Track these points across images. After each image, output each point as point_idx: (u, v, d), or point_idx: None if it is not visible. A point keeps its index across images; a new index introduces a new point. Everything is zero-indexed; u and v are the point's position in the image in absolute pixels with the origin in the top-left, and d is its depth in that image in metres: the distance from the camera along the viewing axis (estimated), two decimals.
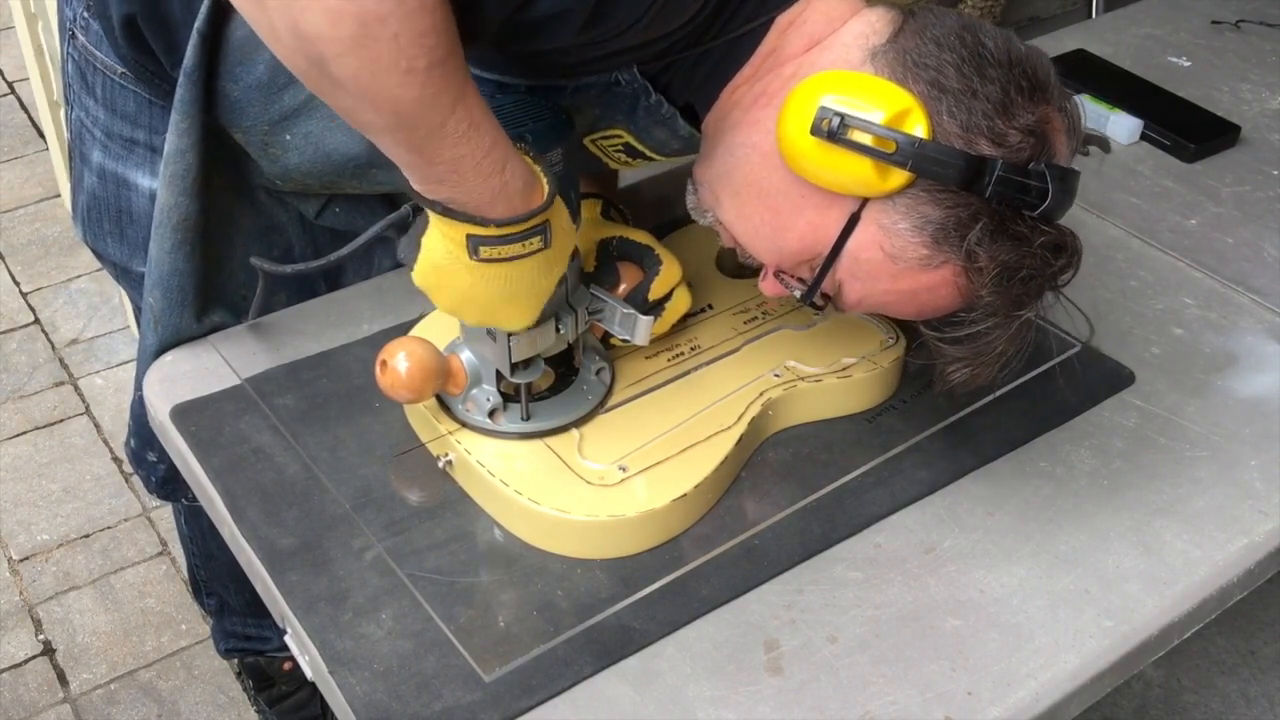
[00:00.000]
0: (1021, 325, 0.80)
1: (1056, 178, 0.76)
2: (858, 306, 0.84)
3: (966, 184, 0.75)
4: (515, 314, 0.82)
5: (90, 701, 1.68)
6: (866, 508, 0.91)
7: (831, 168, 0.76)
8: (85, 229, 1.10)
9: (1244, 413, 1.01)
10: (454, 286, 0.80)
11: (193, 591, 1.58)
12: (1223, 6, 1.66)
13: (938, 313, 0.82)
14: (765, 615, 0.84)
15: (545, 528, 0.86)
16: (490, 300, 0.80)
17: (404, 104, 0.67)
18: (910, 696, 0.79)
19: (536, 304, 0.82)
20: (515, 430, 0.90)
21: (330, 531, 0.88)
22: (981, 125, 0.75)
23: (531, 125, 0.83)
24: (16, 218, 2.58)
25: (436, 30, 0.65)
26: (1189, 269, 1.18)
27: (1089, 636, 0.83)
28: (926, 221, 0.77)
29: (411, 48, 0.65)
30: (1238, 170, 1.33)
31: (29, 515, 1.94)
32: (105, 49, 0.98)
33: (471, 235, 0.75)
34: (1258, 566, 0.90)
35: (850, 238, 0.79)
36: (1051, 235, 0.77)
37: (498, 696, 0.77)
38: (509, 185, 0.74)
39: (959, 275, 0.78)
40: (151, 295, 1.02)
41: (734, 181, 0.83)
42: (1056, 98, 0.78)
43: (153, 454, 1.17)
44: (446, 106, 0.69)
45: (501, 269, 0.78)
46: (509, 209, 0.75)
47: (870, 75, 0.76)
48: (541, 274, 0.80)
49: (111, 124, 1.02)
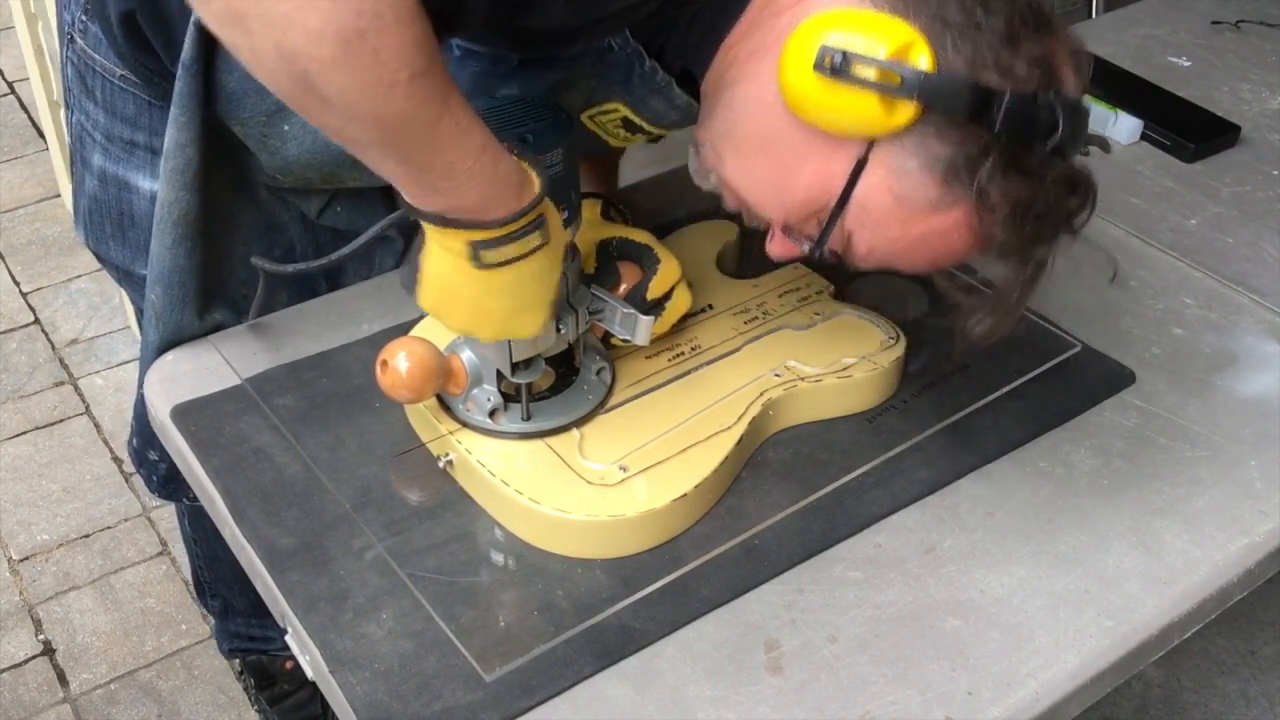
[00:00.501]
0: (1038, 267, 0.78)
1: (1066, 109, 0.74)
2: (868, 258, 0.81)
3: (975, 115, 0.73)
4: (527, 320, 0.82)
5: (90, 701, 1.68)
6: (866, 508, 0.91)
7: (836, 108, 0.74)
8: (87, 232, 1.10)
9: (1244, 413, 1.01)
10: (462, 302, 0.80)
11: (196, 593, 1.59)
12: (1223, 6, 1.66)
13: (951, 259, 0.80)
14: (765, 615, 0.84)
15: (545, 528, 0.86)
16: (500, 310, 0.80)
17: (390, 116, 0.67)
18: (910, 696, 0.79)
19: (545, 307, 0.82)
20: (516, 430, 0.90)
21: (330, 531, 0.88)
22: (987, 57, 0.73)
23: (532, 125, 0.83)
24: (16, 218, 2.58)
25: (416, 42, 0.65)
26: (1189, 269, 1.18)
27: (1089, 636, 0.83)
28: (935, 160, 0.75)
29: (393, 61, 0.64)
30: (1238, 170, 1.33)
31: (29, 515, 1.94)
32: (104, 51, 0.98)
33: (472, 241, 0.75)
34: (1258, 566, 0.90)
35: (858, 183, 0.77)
36: (1064, 171, 0.76)
37: (498, 696, 0.77)
38: (503, 185, 0.74)
39: (970, 216, 0.76)
40: (153, 292, 1.01)
41: (736, 136, 0.81)
42: (1061, 32, 0.76)
43: (154, 453, 1.17)
44: (433, 116, 0.68)
45: (506, 274, 0.78)
46: (505, 208, 0.75)
47: (871, 11, 0.74)
48: (545, 272, 0.80)
49: (112, 127, 1.02)
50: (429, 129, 0.69)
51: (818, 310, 1.03)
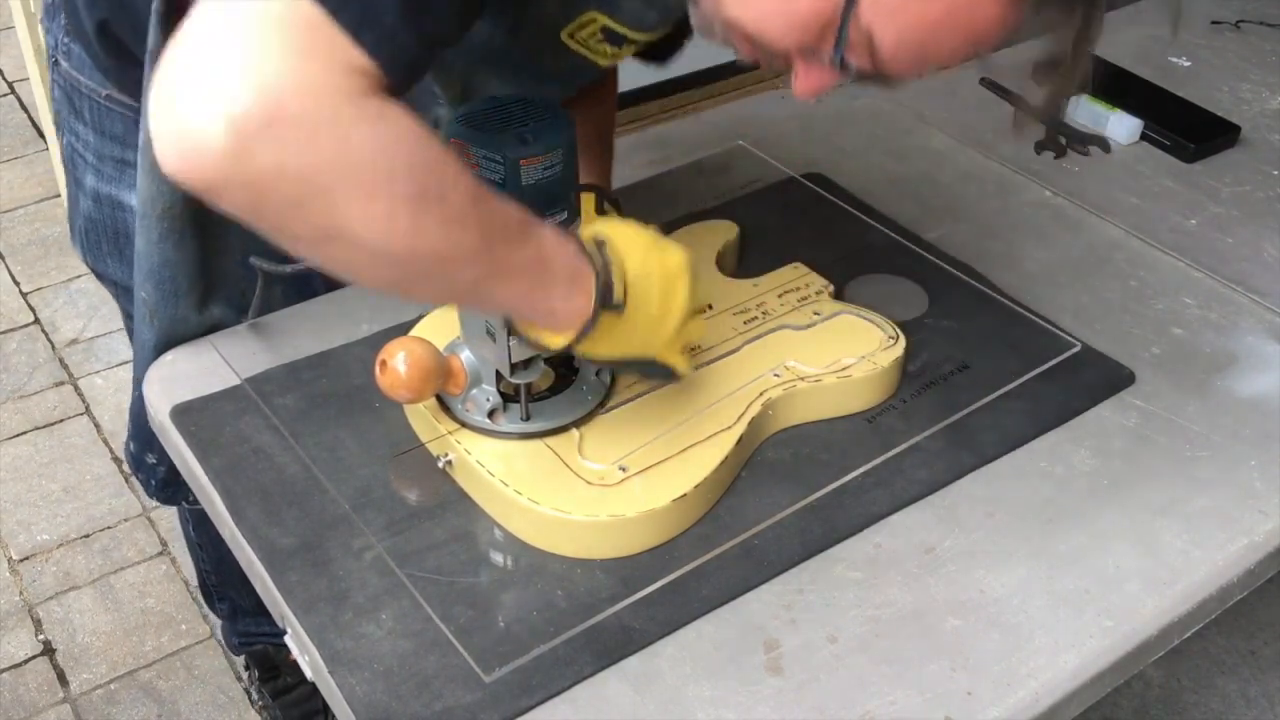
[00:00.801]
0: (1087, 8, 0.74)
1: None
2: (900, 58, 0.75)
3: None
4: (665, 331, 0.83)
5: (90, 701, 1.68)
6: (866, 508, 0.91)
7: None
8: (85, 250, 1.09)
9: (1244, 413, 1.01)
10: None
11: (202, 596, 1.58)
12: (1223, 6, 1.66)
13: (990, 33, 0.74)
14: (765, 615, 0.84)
15: (545, 528, 0.86)
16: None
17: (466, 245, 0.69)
18: (910, 696, 0.79)
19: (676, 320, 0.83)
20: (515, 430, 0.90)
21: (330, 531, 0.88)
22: None
23: (532, 125, 0.83)
24: (16, 218, 2.58)
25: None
26: (1189, 269, 1.18)
27: (1089, 636, 0.83)
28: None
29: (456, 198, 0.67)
30: (1238, 170, 1.33)
31: (29, 515, 1.94)
32: (89, 72, 0.98)
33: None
34: (1258, 566, 0.90)
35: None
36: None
37: (498, 696, 0.77)
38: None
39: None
40: (144, 290, 1.01)
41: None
42: None
43: (152, 456, 1.16)
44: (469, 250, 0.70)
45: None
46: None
47: None
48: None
49: (102, 147, 1.01)
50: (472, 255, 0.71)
51: (817, 310, 1.03)
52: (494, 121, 0.83)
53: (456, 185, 0.68)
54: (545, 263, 0.75)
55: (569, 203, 0.87)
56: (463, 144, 0.84)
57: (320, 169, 0.62)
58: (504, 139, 0.82)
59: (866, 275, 1.13)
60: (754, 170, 1.28)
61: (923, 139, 1.37)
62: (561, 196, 0.86)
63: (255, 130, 0.59)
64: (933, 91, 1.48)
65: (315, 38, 0.62)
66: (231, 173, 0.61)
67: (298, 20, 0.62)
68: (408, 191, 0.65)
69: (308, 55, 0.61)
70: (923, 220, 1.22)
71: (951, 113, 1.42)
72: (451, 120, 0.85)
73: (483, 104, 0.85)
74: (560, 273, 0.76)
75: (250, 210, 0.65)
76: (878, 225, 1.20)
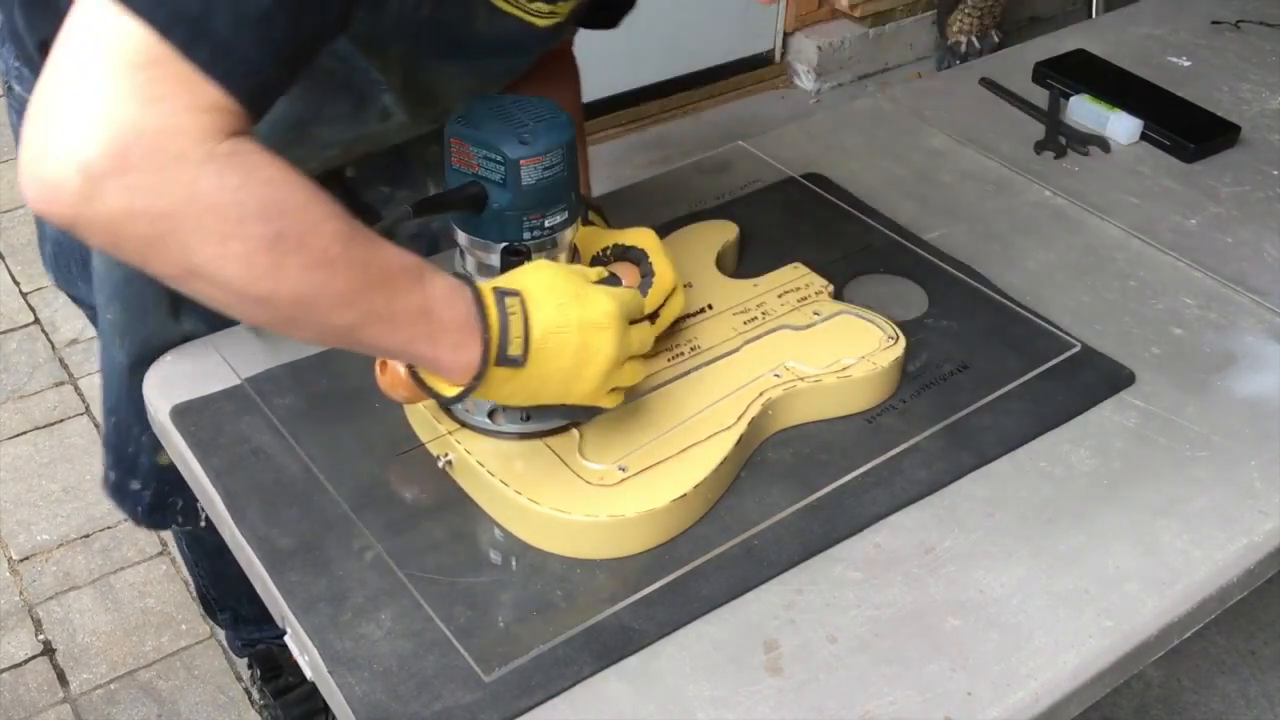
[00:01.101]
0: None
1: None
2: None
3: None
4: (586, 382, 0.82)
5: (90, 701, 1.68)
6: (866, 508, 0.91)
7: None
8: (56, 273, 1.09)
9: (1244, 413, 1.01)
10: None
11: (203, 609, 1.58)
12: (1223, 6, 1.66)
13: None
14: (765, 615, 0.84)
15: (545, 528, 0.86)
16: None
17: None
18: (910, 696, 0.79)
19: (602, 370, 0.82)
20: (515, 430, 0.90)
21: (330, 531, 0.88)
22: None
23: (531, 125, 0.83)
24: (16, 218, 2.58)
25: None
26: (1189, 269, 1.18)
27: (1089, 636, 0.83)
28: None
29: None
30: (1238, 170, 1.33)
31: (29, 515, 1.94)
32: None
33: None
34: (1258, 566, 0.90)
35: None
36: None
37: (497, 696, 0.77)
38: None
39: None
40: (110, 311, 0.99)
41: None
42: None
43: (136, 482, 1.14)
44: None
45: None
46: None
47: None
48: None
49: None
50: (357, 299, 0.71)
51: (817, 310, 1.03)
52: (494, 121, 0.84)
53: (320, 229, 0.68)
54: (430, 313, 0.74)
55: (569, 203, 0.87)
56: (463, 143, 0.84)
57: (169, 213, 0.63)
58: (504, 139, 0.82)
59: (866, 275, 1.13)
60: (754, 170, 1.28)
61: (923, 139, 1.37)
62: (561, 196, 0.86)
63: (104, 175, 0.61)
64: (933, 91, 1.48)
65: (164, 77, 0.63)
66: (85, 214, 0.62)
67: (147, 60, 0.63)
68: (263, 234, 0.65)
69: (156, 98, 0.62)
70: (923, 220, 1.22)
71: (951, 113, 1.42)
72: (452, 120, 0.85)
73: (483, 104, 0.86)
74: (448, 324, 0.75)
75: (110, 248, 0.66)
76: (878, 225, 1.20)
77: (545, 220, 0.86)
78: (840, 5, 3.11)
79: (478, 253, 0.88)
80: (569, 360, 0.79)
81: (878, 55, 3.17)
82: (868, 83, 3.14)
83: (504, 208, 0.84)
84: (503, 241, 0.86)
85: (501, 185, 0.83)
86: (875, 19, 3.12)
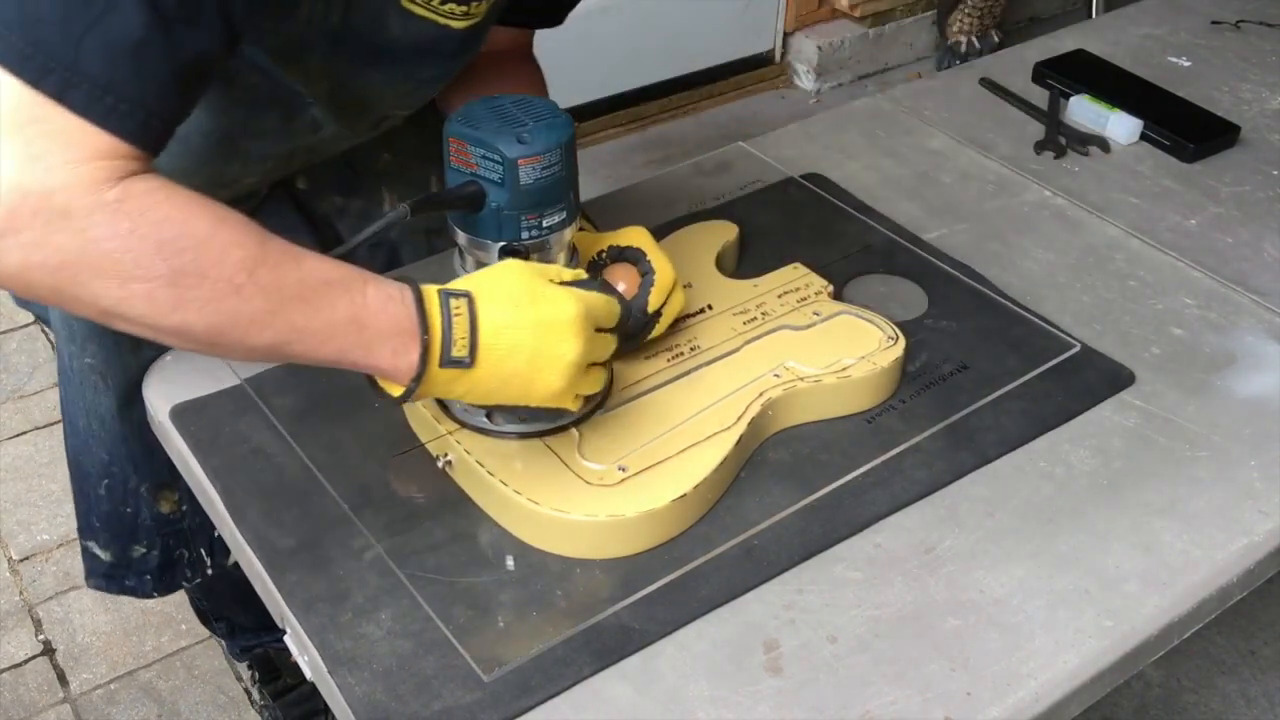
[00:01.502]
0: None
1: None
2: None
3: None
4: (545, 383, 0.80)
5: (90, 701, 1.68)
6: (866, 508, 0.91)
7: None
8: (12, 296, 1.09)
9: (1244, 413, 1.01)
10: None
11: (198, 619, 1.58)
12: (1223, 6, 1.66)
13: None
14: (765, 615, 0.84)
15: (545, 528, 0.86)
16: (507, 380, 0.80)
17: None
18: (910, 696, 0.79)
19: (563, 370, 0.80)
20: (515, 430, 0.90)
21: (330, 531, 0.88)
22: None
23: (531, 125, 0.83)
24: None
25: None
26: (1189, 269, 1.18)
27: (1089, 636, 0.83)
28: None
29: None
30: (1238, 170, 1.33)
31: (29, 515, 1.94)
32: None
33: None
34: (1258, 566, 0.90)
35: None
36: None
37: (497, 696, 0.77)
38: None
39: None
40: (87, 355, 0.99)
41: None
42: None
43: (139, 547, 1.14)
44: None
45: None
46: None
47: None
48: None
49: None
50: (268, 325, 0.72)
51: (817, 310, 1.03)
52: (493, 121, 0.84)
53: (223, 260, 0.69)
54: (362, 323, 0.74)
55: (567, 202, 0.87)
56: (461, 143, 0.84)
57: (65, 265, 0.65)
58: (502, 138, 0.82)
59: (866, 275, 1.13)
60: (754, 170, 1.28)
61: (923, 139, 1.37)
62: (560, 196, 0.86)
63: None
64: (933, 91, 1.48)
65: (45, 133, 0.64)
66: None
67: (28, 118, 0.64)
68: (162, 273, 0.66)
69: (36, 157, 0.64)
70: (923, 220, 1.22)
71: (951, 113, 1.42)
72: (451, 120, 0.85)
73: (482, 104, 0.86)
74: (385, 331, 0.75)
75: (26, 295, 0.68)
76: (878, 225, 1.20)
77: (543, 220, 0.86)
78: (840, 5, 3.11)
79: (476, 252, 0.88)
80: (523, 362, 0.78)
81: (878, 55, 3.17)
82: (868, 83, 3.14)
83: (502, 207, 0.84)
84: (501, 241, 0.86)
85: (500, 185, 0.83)
86: (875, 19, 3.12)
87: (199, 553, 1.18)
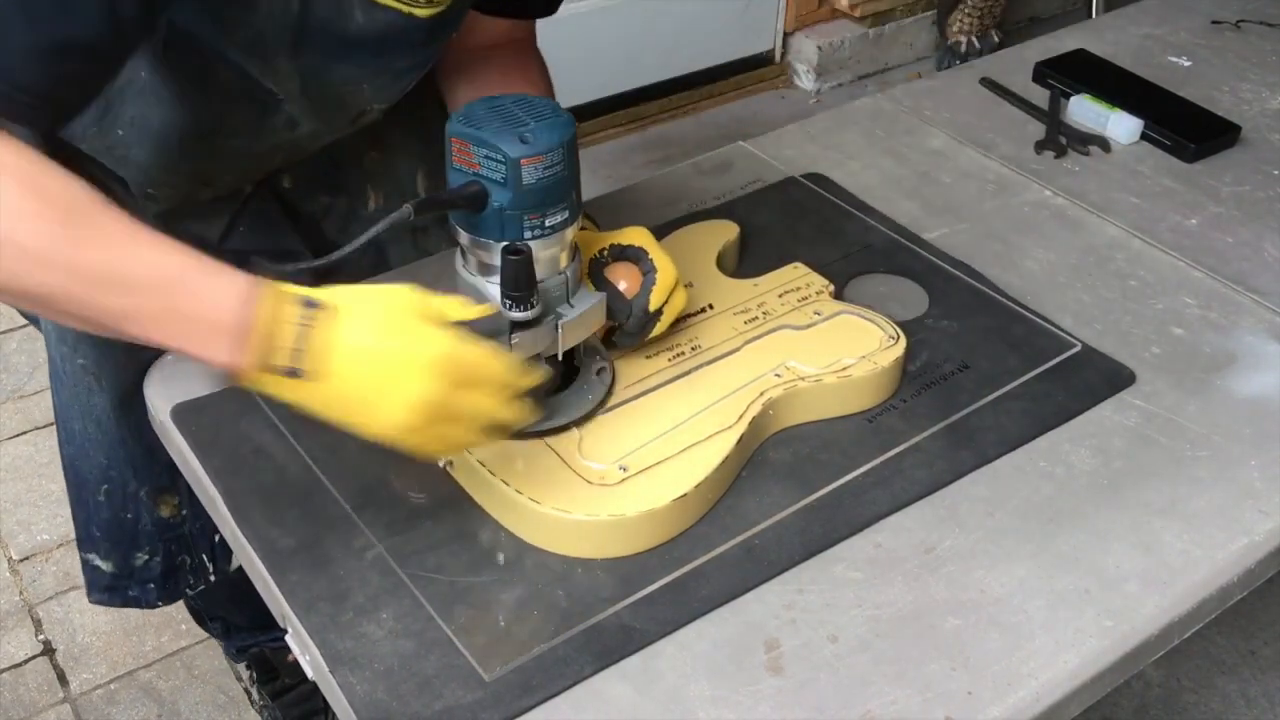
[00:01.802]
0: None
1: None
2: None
3: None
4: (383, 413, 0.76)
5: (90, 701, 1.68)
6: (866, 508, 0.91)
7: None
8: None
9: (1244, 413, 1.01)
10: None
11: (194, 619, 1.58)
12: (1223, 6, 1.66)
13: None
14: (765, 615, 0.84)
15: (545, 527, 0.86)
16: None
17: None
18: (910, 696, 0.79)
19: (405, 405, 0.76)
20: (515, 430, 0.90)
21: (331, 531, 0.88)
22: None
23: (532, 125, 0.83)
24: None
25: None
26: (1189, 269, 1.18)
27: (1089, 636, 0.83)
28: None
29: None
30: (1238, 170, 1.33)
31: (29, 515, 1.94)
32: None
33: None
34: (1258, 566, 0.90)
35: None
36: None
37: (498, 696, 0.77)
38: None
39: None
40: (79, 358, 0.99)
41: None
42: None
43: (142, 555, 1.13)
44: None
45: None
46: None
47: None
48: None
49: None
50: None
51: (817, 310, 1.03)
52: (495, 120, 0.84)
53: (17, 228, 0.69)
54: (183, 315, 0.73)
55: (570, 202, 0.87)
56: (463, 142, 0.84)
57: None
58: (504, 138, 0.82)
59: (866, 275, 1.13)
60: (754, 170, 1.28)
61: (923, 139, 1.37)
62: (562, 195, 0.86)
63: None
64: (933, 91, 1.48)
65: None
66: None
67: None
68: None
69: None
70: (923, 220, 1.22)
71: (951, 113, 1.42)
72: (453, 120, 0.85)
73: (483, 104, 0.85)
74: (214, 325, 0.73)
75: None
76: (878, 225, 1.20)
77: (546, 219, 0.86)
78: (840, 5, 3.11)
79: (479, 252, 0.88)
80: (370, 389, 0.75)
81: (878, 55, 3.17)
82: (868, 83, 3.14)
83: (505, 207, 0.84)
84: (504, 241, 0.86)
85: (502, 184, 0.83)
86: (875, 19, 3.12)
87: (201, 559, 1.18)
